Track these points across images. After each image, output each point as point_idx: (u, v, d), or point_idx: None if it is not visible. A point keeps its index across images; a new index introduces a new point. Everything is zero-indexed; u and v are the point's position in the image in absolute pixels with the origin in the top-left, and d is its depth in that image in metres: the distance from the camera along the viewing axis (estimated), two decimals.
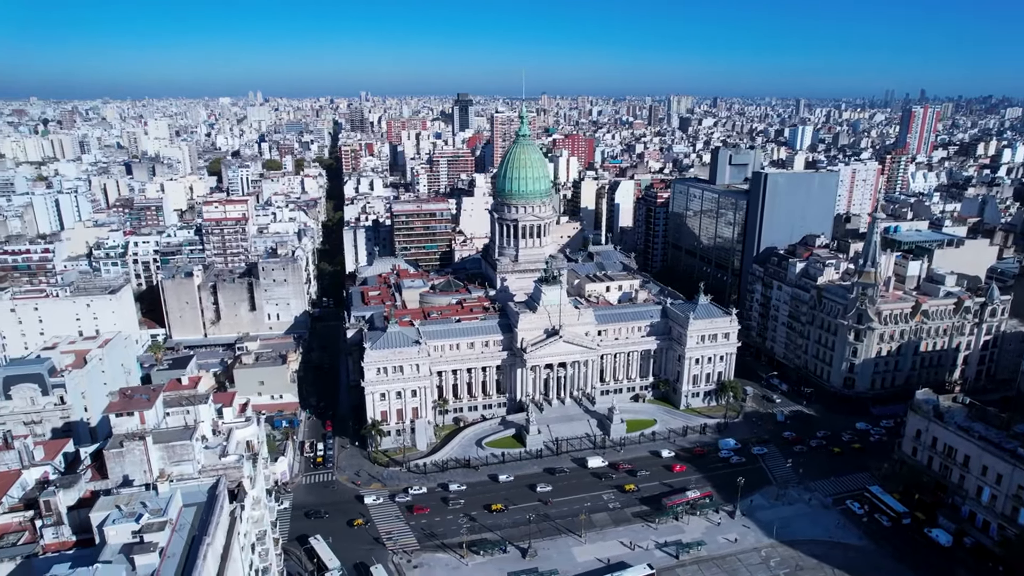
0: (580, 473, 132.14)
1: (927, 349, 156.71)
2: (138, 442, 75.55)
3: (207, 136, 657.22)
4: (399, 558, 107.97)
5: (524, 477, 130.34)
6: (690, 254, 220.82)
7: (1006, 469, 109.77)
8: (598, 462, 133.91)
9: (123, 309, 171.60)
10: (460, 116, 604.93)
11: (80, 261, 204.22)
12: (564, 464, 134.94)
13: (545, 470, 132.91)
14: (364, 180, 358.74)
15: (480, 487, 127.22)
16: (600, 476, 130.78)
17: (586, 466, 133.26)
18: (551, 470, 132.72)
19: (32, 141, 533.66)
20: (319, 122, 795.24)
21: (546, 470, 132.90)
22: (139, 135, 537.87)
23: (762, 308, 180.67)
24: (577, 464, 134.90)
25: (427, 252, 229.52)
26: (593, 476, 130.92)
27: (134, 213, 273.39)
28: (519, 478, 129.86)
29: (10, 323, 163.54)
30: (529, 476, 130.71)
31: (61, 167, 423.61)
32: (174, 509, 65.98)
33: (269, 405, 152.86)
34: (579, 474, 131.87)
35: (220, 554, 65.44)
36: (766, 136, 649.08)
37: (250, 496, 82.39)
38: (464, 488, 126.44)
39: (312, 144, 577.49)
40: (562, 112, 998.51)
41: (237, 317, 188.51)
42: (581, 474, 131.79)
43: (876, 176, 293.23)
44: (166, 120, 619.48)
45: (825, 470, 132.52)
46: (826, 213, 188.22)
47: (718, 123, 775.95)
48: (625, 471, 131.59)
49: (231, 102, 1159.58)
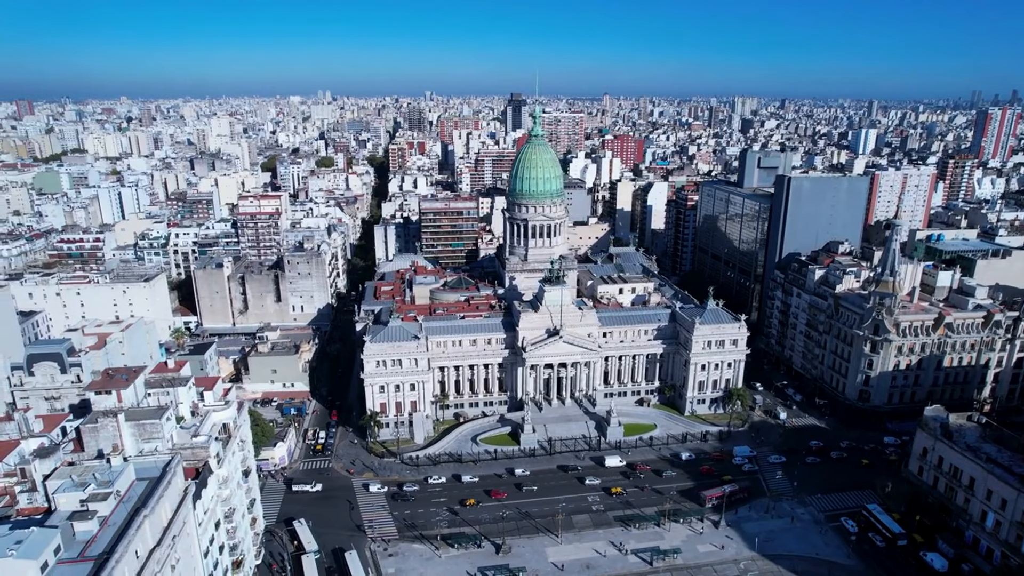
0: (598, 471, 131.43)
1: (951, 364, 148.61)
2: (111, 418, 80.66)
3: (272, 134, 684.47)
4: (377, 546, 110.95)
5: (542, 474, 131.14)
6: (716, 258, 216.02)
7: (1010, 495, 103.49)
8: (616, 461, 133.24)
9: (156, 296, 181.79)
10: (513, 116, 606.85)
11: (127, 250, 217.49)
12: (580, 463, 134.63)
13: (559, 467, 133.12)
14: (408, 178, 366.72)
15: (490, 481, 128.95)
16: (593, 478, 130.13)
17: (604, 465, 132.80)
18: (564, 467, 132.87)
19: (112, 138, 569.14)
20: (379, 121, 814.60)
21: (559, 467, 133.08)
22: (207, 132, 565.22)
23: (782, 316, 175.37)
24: (595, 463, 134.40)
25: (453, 250, 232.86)
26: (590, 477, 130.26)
27: (187, 206, 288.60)
28: (535, 474, 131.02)
29: (56, 306, 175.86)
30: (546, 474, 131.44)
31: (133, 162, 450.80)
32: (124, 481, 70.44)
33: (281, 393, 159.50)
34: (595, 472, 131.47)
35: (163, 526, 69.47)
36: (829, 139, 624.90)
37: (216, 475, 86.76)
38: (476, 480, 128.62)
39: (368, 142, 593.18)
40: (623, 113, 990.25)
41: (263, 307, 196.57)
42: (596, 473, 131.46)
43: (931, 181, 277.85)
44: (227, 118, 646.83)
45: (827, 485, 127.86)
46: (854, 219, 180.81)
47: (780, 125, 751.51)
48: (643, 472, 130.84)
49: (300, 101, 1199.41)
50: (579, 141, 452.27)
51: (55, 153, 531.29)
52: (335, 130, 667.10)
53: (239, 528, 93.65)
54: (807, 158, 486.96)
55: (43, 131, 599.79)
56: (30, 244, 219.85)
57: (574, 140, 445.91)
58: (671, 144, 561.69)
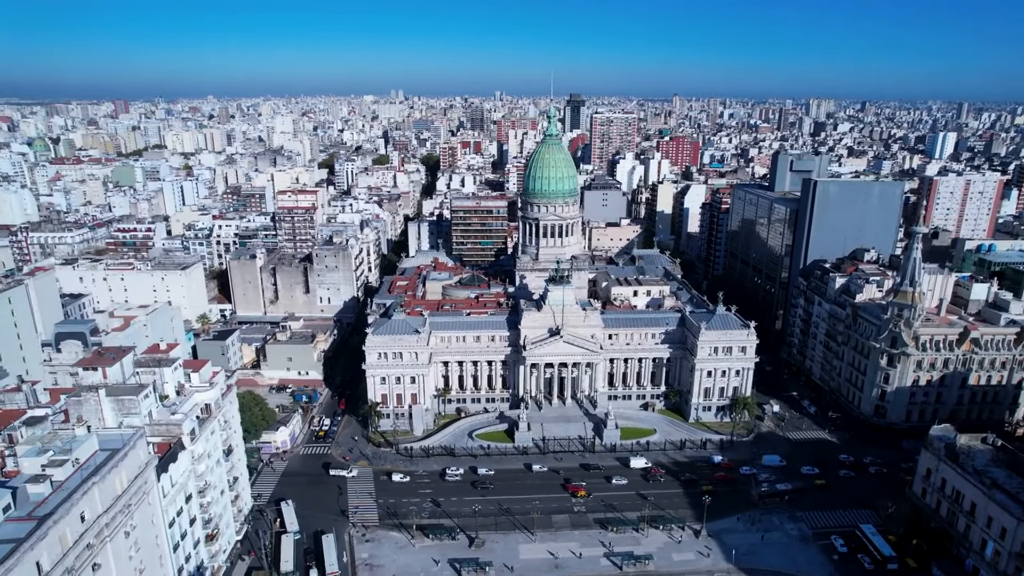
0: (623, 471, 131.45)
1: (979, 383, 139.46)
2: (93, 393, 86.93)
3: (339, 132, 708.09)
4: (356, 531, 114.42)
5: (570, 471, 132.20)
6: (745, 264, 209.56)
7: (1011, 523, 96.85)
8: (641, 463, 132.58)
9: (192, 284, 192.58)
10: (571, 116, 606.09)
11: (175, 240, 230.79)
12: (602, 461, 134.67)
13: (581, 466, 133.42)
14: (456, 177, 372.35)
15: (509, 475, 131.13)
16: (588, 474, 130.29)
17: (628, 466, 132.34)
18: (586, 466, 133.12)
19: (189, 134, 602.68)
20: (442, 120, 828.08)
21: (582, 466, 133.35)
22: (273, 129, 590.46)
23: (804, 325, 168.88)
24: (620, 463, 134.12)
25: (483, 248, 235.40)
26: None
27: (241, 199, 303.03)
28: (564, 470, 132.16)
29: (103, 290, 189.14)
30: (568, 471, 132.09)
31: (203, 157, 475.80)
32: (86, 451, 75.83)
33: (296, 380, 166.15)
34: (620, 473, 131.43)
35: (116, 494, 74.47)
36: (905, 143, 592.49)
37: (188, 451, 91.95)
38: (492, 473, 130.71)
39: (427, 141, 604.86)
40: (691, 115, 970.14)
41: (293, 298, 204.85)
42: (622, 473, 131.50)
43: (998, 188, 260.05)
44: (290, 116, 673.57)
45: (828, 501, 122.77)
46: (887, 226, 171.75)
47: (855, 128, 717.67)
48: (659, 475, 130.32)
49: (372, 100, 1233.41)
50: (631, 142, 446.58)
51: (137, 149, 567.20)
52: (397, 129, 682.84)
53: (214, 504, 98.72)
54: (875, 163, 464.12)
55: (130, 128, 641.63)
56: (92, 232, 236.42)
57: (626, 141, 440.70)
58: (732, 147, 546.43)
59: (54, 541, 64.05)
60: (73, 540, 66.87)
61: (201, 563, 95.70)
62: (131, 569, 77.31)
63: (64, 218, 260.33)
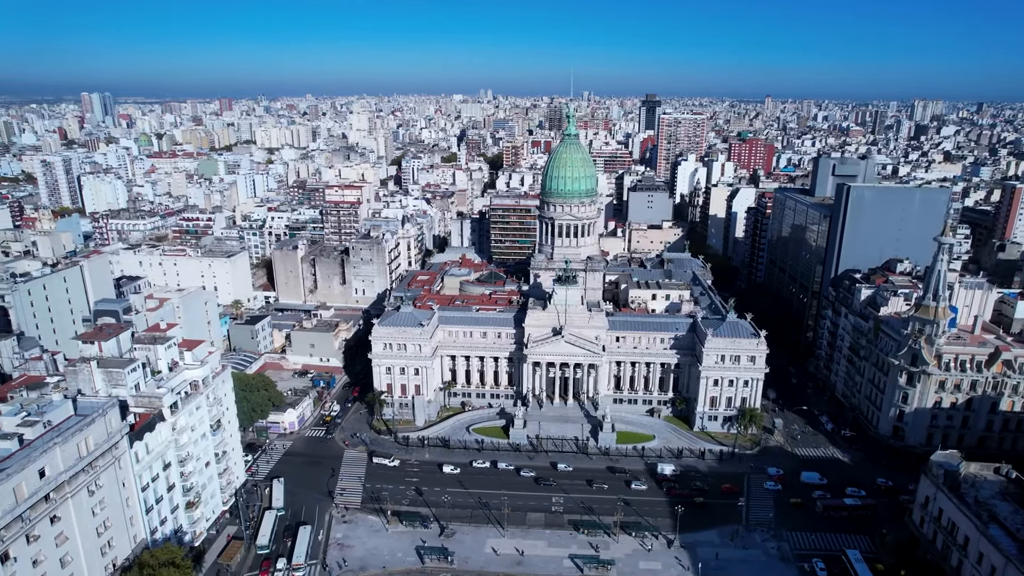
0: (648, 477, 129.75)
1: (1012, 408, 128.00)
2: (87, 364, 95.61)
3: (421, 130, 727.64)
4: (337, 512, 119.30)
5: (586, 471, 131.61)
6: (782, 271, 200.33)
7: (1000, 562, 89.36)
8: (669, 469, 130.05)
9: (237, 271, 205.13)
10: (646, 117, 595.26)
11: (233, 230, 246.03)
12: (629, 465, 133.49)
13: (608, 468, 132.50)
14: (516, 176, 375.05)
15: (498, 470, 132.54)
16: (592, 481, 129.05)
17: (656, 472, 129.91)
18: (612, 469, 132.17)
19: (276, 131, 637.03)
20: (523, 120, 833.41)
21: (608, 468, 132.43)
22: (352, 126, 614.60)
23: (831, 337, 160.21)
24: (647, 468, 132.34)
25: (520, 247, 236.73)
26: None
27: (306, 193, 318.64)
28: (579, 471, 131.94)
29: (158, 274, 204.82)
30: (591, 471, 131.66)
31: (285, 152, 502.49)
32: (59, 415, 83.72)
33: (317, 366, 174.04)
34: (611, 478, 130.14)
35: (79, 455, 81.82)
36: (1016, 147, 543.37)
37: (167, 423, 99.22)
38: (456, 471, 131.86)
39: (501, 140, 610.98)
40: (782, 116, 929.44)
41: (330, 288, 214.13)
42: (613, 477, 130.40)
43: None
44: (365, 114, 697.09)
45: (820, 524, 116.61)
46: (930, 235, 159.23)
47: (960, 132, 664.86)
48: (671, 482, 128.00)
49: (461, 99, 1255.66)
50: (700, 143, 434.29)
51: (228, 144, 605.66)
52: (473, 127, 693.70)
53: (196, 474, 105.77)
54: (972, 168, 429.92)
55: (225, 125, 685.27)
56: (163, 220, 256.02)
57: (694, 142, 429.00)
58: (814, 151, 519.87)
59: (7, 492, 71.39)
60: (29, 492, 74.27)
61: (180, 527, 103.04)
62: (95, 524, 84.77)
63: (140, 207, 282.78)
